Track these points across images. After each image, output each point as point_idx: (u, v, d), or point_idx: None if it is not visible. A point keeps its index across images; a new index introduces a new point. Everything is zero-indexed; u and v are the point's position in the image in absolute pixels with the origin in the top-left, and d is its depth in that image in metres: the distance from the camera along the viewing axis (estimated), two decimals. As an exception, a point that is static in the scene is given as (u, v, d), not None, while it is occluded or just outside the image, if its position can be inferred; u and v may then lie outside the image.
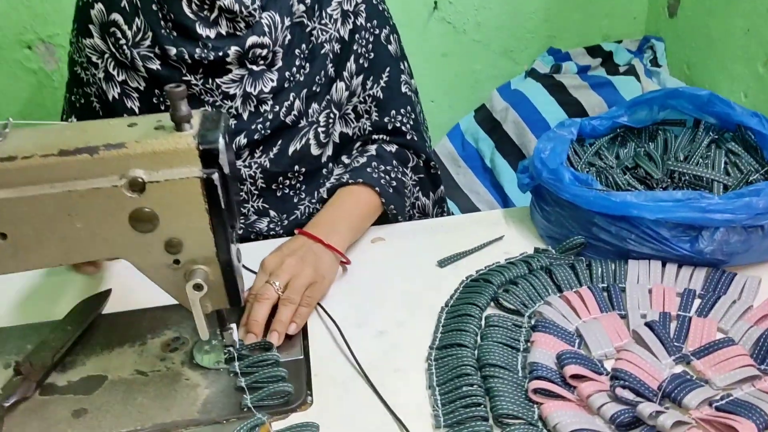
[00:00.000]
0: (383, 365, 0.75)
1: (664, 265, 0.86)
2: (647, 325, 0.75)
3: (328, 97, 1.02)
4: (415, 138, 1.05)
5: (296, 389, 0.72)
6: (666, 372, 0.70)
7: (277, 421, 0.69)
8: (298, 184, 1.05)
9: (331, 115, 1.02)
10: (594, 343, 0.74)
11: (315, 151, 1.03)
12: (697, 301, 0.80)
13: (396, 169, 1.02)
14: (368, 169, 0.99)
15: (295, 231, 0.90)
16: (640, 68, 1.51)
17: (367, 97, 1.02)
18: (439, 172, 1.12)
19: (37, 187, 0.62)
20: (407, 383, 0.73)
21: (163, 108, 0.97)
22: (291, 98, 0.99)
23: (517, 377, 0.71)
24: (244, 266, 0.92)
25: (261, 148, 1.01)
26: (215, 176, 0.64)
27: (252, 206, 1.04)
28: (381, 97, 1.03)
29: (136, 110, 0.97)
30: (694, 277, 0.84)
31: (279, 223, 1.06)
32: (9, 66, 1.39)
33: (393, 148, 1.04)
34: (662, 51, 1.54)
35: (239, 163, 1.00)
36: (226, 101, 0.97)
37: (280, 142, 1.01)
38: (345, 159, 1.04)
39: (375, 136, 1.04)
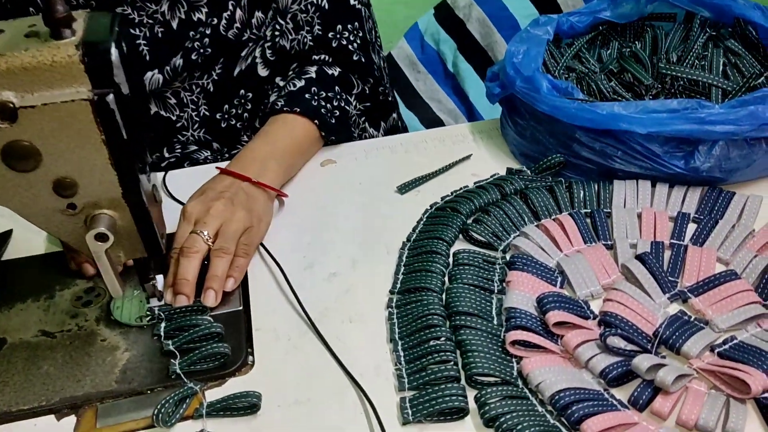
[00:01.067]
0: (336, 315, 0.64)
1: (653, 185, 0.75)
2: (638, 258, 0.65)
3: (274, 5, 0.86)
4: (363, 60, 0.90)
5: (234, 348, 0.61)
6: (660, 313, 0.61)
7: (213, 389, 0.58)
8: (246, 114, 0.91)
9: (278, 27, 0.87)
10: (578, 281, 0.65)
11: (263, 71, 0.89)
12: (691, 227, 0.71)
13: (339, 97, 0.87)
14: (306, 96, 0.84)
15: (216, 168, 0.76)
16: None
17: (309, 6, 0.86)
18: (391, 98, 0.98)
19: None
20: (365, 336, 0.62)
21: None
22: (230, 8, 0.84)
23: (491, 326, 0.61)
24: (173, 197, 0.79)
25: (199, 71, 0.86)
26: (110, 98, 0.50)
27: (192, 135, 0.90)
28: (326, 7, 0.87)
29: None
30: (688, 198, 0.74)
31: (222, 156, 0.92)
32: None
33: (336, 71, 0.88)
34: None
35: (176, 84, 0.85)
36: (149, 3, 0.80)
37: (222, 61, 0.87)
38: (279, 81, 0.89)
39: (315, 56, 0.88)
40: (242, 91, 0.90)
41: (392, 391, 0.57)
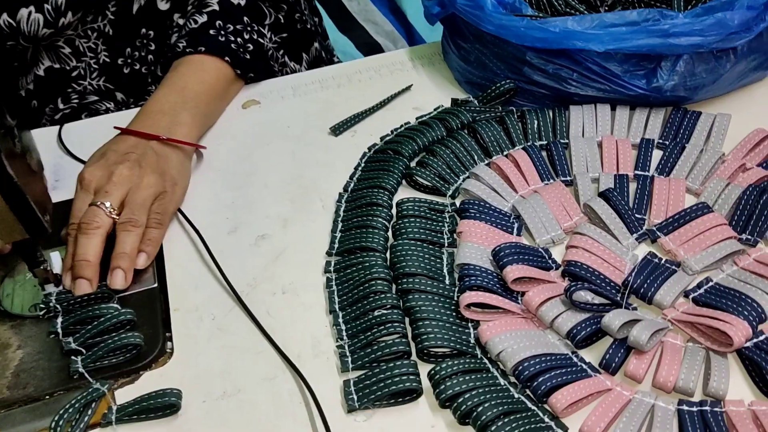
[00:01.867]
0: (267, 286, 0.56)
1: (613, 108, 0.68)
2: (601, 195, 0.58)
3: None
4: None
5: (149, 336, 0.52)
6: (629, 256, 0.55)
7: (124, 388, 0.50)
8: (150, 56, 0.79)
9: None
10: (537, 226, 0.57)
11: (163, 5, 0.77)
12: (657, 154, 0.64)
13: (249, 29, 0.75)
14: (211, 32, 0.72)
15: (115, 128, 0.65)
16: None
17: None
18: (310, 25, 0.86)
19: None
20: (301, 309, 0.54)
21: None
22: None
23: (443, 287, 0.53)
24: (71, 155, 0.68)
25: (93, 10, 0.73)
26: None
27: (90, 84, 0.77)
28: None
29: None
30: (651, 121, 0.67)
31: (126, 106, 0.81)
32: None
33: (242, 0, 0.76)
34: None
35: (69, 33, 0.73)
36: None
37: (115, 2, 0.74)
38: (179, 19, 0.77)
39: None
40: (144, 30, 0.77)
41: (335, 372, 0.50)
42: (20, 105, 0.77)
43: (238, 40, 0.73)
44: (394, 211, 0.61)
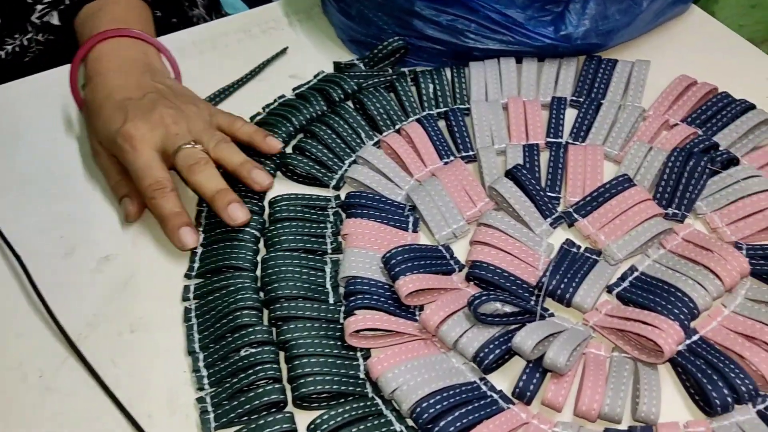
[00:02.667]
0: (111, 324, 0.45)
1: (519, 62, 0.59)
2: (509, 175, 0.49)
3: None
4: None
5: (-40, 409, 0.41)
6: (543, 247, 0.47)
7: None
8: None
9: None
10: (436, 219, 0.48)
11: None
12: (570, 115, 0.55)
13: None
14: None
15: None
16: None
17: None
18: None
19: None
20: (153, 351, 0.44)
21: None
22: None
23: (326, 308, 0.44)
24: None
25: None
26: None
27: None
28: None
29: None
30: (562, 75, 0.58)
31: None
32: None
33: None
34: None
35: None
36: None
37: None
38: None
39: None
40: None
41: (195, 433, 0.40)
42: None
43: None
44: (267, 212, 0.50)
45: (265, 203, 0.51)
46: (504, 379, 0.41)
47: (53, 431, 0.41)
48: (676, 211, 0.48)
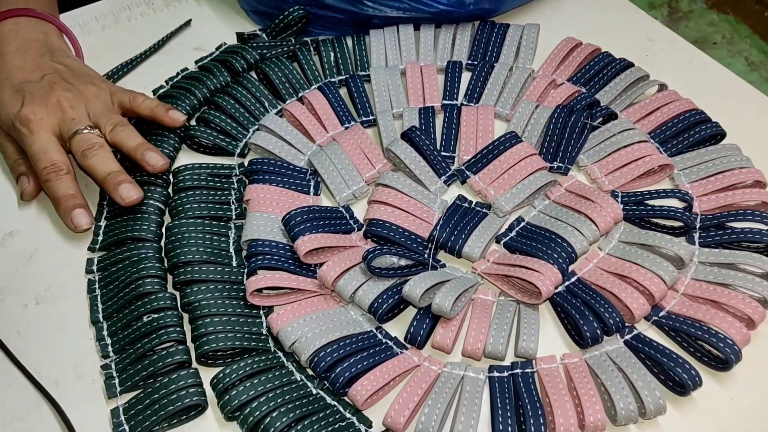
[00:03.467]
0: (16, 297, 0.46)
1: (417, 28, 0.61)
2: (404, 137, 0.52)
3: None
4: None
5: None
6: (437, 203, 0.49)
7: None
8: None
9: None
10: (336, 181, 0.50)
11: None
12: (465, 78, 0.58)
13: None
14: None
15: None
16: None
17: None
18: None
19: None
20: (59, 322, 0.45)
21: None
22: None
23: (230, 271, 0.46)
24: None
25: None
26: None
27: None
28: None
29: None
30: (458, 40, 0.60)
31: None
32: None
33: None
34: None
35: None
36: None
37: None
38: None
39: None
40: None
41: (101, 398, 0.41)
42: None
43: None
44: (171, 181, 0.51)
45: (171, 168, 0.52)
46: (399, 328, 0.44)
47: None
48: (560, 164, 0.51)
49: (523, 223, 0.48)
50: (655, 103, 0.54)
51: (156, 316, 0.43)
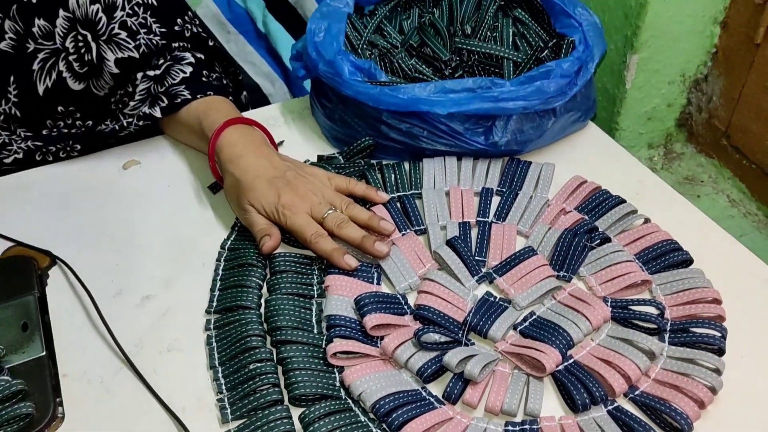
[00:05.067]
0: (153, 345, 0.62)
1: (459, 159, 0.78)
2: (448, 243, 0.68)
3: (66, 14, 0.76)
4: (214, 44, 0.86)
5: (40, 404, 0.56)
6: (470, 297, 0.65)
7: (20, 456, 0.54)
8: (78, 122, 0.82)
9: (80, 38, 0.77)
10: (396, 275, 0.66)
11: (74, 85, 0.79)
12: (495, 201, 0.75)
13: (221, 75, 0.85)
14: (203, 78, 0.81)
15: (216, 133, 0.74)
16: None
17: (136, 7, 0.77)
18: (241, 77, 0.93)
19: None
20: (184, 365, 0.60)
21: None
22: None
23: (313, 336, 0.61)
24: None
25: None
26: None
27: (18, 150, 0.80)
28: (155, 3, 0.79)
29: None
30: (491, 171, 0.78)
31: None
32: None
33: (201, 55, 0.84)
34: None
35: None
36: None
37: (13, 80, 0.77)
38: (151, 72, 0.80)
39: (175, 44, 0.82)
40: (60, 108, 0.80)
41: (216, 424, 0.56)
42: None
43: (224, 81, 0.84)
44: (268, 270, 0.68)
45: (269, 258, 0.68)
46: (438, 389, 0.58)
47: (111, 424, 0.56)
48: (565, 274, 0.67)
49: (534, 316, 0.63)
50: (641, 232, 0.70)
51: (258, 365, 0.58)
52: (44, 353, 0.61)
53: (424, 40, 0.86)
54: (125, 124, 0.81)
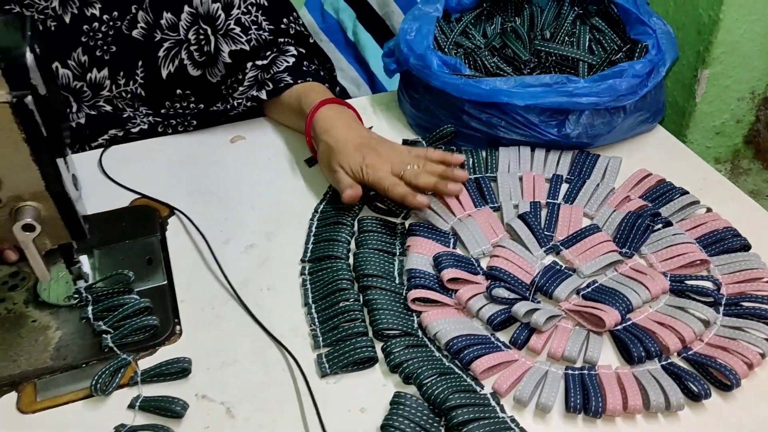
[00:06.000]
0: (255, 284, 0.71)
1: (533, 150, 0.85)
2: (520, 217, 0.75)
3: (190, 9, 0.89)
4: (314, 41, 0.98)
5: (162, 320, 0.66)
6: (538, 264, 0.71)
7: (145, 359, 0.64)
8: (192, 104, 0.95)
9: (201, 32, 0.89)
10: (470, 241, 0.74)
11: (193, 71, 0.92)
12: (564, 187, 0.82)
13: (318, 67, 0.96)
14: (303, 68, 0.92)
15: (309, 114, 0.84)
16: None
17: (250, 7, 0.90)
18: (335, 73, 1.04)
19: None
20: (282, 302, 0.69)
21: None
22: (132, 9, 0.88)
23: (394, 285, 0.69)
24: (109, 177, 0.83)
25: (122, 73, 0.90)
26: (28, 99, 0.53)
27: (141, 122, 0.93)
28: (267, 4, 0.92)
29: None
30: (562, 161, 0.84)
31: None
32: None
33: (303, 51, 0.95)
34: None
35: (104, 93, 0.90)
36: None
37: (141, 64, 0.90)
38: (259, 62, 0.92)
39: (281, 39, 0.93)
40: (179, 91, 0.93)
41: (309, 349, 0.64)
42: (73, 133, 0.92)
43: (321, 73, 0.94)
44: (356, 228, 0.76)
45: (356, 219, 0.77)
46: (505, 337, 0.65)
47: (220, 342, 0.65)
48: (627, 250, 0.73)
49: (597, 284, 0.69)
50: (702, 220, 0.75)
51: (347, 303, 0.66)
52: (165, 282, 0.71)
53: (506, 42, 0.94)
54: (234, 104, 0.92)
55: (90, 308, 0.67)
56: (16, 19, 0.54)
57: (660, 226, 0.75)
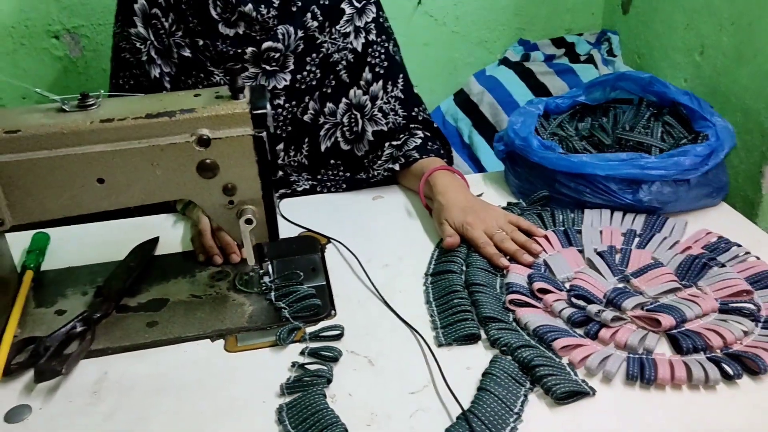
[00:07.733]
0: (390, 288, 0.94)
1: (612, 212, 1.06)
2: (598, 254, 0.96)
3: (346, 100, 1.21)
4: (437, 127, 1.27)
5: (322, 305, 0.91)
6: (611, 287, 0.91)
7: (310, 327, 0.88)
8: (340, 172, 1.25)
9: (353, 117, 1.21)
10: (558, 269, 0.95)
11: (344, 146, 1.23)
12: (636, 239, 1.01)
13: (440, 147, 1.23)
14: (428, 146, 1.19)
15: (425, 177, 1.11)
16: (598, 57, 1.72)
17: (390, 99, 1.22)
18: (452, 153, 1.31)
19: (128, 143, 0.80)
20: (410, 300, 0.92)
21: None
22: (306, 100, 1.19)
23: (496, 293, 0.91)
24: (284, 218, 1.11)
25: (293, 147, 1.21)
26: (263, 135, 0.83)
27: (298, 182, 1.24)
28: (402, 97, 1.23)
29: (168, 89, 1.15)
30: (636, 221, 1.05)
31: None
32: (38, 53, 1.54)
33: (428, 133, 1.25)
34: (617, 43, 1.75)
35: (279, 162, 1.23)
36: None
37: (307, 141, 1.22)
38: (395, 142, 1.21)
39: (412, 125, 1.23)
40: (332, 161, 1.24)
41: (430, 331, 0.86)
42: None
43: (441, 151, 1.21)
44: (467, 257, 0.99)
45: (467, 252, 1.00)
46: (581, 332, 0.84)
47: (365, 321, 0.88)
48: (686, 283, 0.91)
49: (659, 302, 0.88)
50: (750, 264, 0.92)
51: (459, 300, 0.88)
52: (324, 283, 0.96)
53: (593, 132, 1.18)
54: (374, 173, 1.21)
55: (272, 293, 0.93)
56: (261, 87, 0.85)
57: (715, 267, 0.93)
